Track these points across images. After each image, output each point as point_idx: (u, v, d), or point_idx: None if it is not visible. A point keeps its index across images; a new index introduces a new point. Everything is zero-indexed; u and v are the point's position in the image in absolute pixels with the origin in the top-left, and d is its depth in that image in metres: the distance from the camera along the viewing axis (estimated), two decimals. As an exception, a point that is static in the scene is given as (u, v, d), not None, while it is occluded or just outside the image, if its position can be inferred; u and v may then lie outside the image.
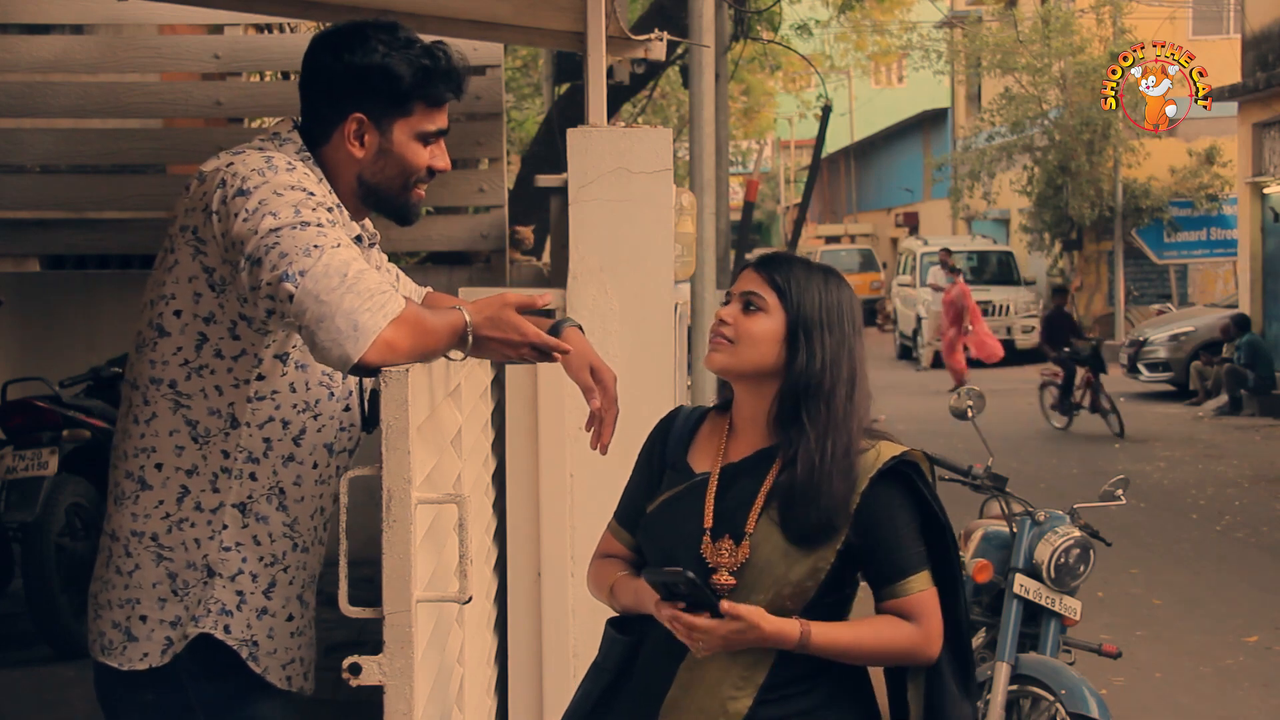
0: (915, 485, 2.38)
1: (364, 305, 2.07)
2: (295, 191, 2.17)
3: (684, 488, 2.44)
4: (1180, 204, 23.18)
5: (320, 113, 2.36)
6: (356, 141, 2.34)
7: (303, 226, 2.12)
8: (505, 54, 6.29)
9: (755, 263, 2.46)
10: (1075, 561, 4.70)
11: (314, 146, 2.37)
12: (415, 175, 2.40)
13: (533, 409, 3.71)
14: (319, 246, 2.10)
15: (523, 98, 19.32)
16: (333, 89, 2.34)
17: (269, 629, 2.28)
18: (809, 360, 2.35)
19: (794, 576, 2.31)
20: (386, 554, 1.96)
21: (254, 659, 2.27)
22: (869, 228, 41.99)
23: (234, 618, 2.25)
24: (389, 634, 1.96)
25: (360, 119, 2.33)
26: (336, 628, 4.83)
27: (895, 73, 41.67)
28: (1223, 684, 6.63)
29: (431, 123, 2.39)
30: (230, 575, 2.25)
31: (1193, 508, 10.90)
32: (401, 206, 2.42)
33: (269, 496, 2.28)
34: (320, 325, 2.07)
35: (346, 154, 2.35)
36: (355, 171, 2.36)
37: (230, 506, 2.25)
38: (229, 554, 2.25)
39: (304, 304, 2.08)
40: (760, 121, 32.57)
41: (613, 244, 3.77)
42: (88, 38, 6.45)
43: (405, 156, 2.37)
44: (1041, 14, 24.31)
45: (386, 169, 2.37)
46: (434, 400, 2.33)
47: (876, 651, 2.35)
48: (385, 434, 1.95)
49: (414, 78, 2.33)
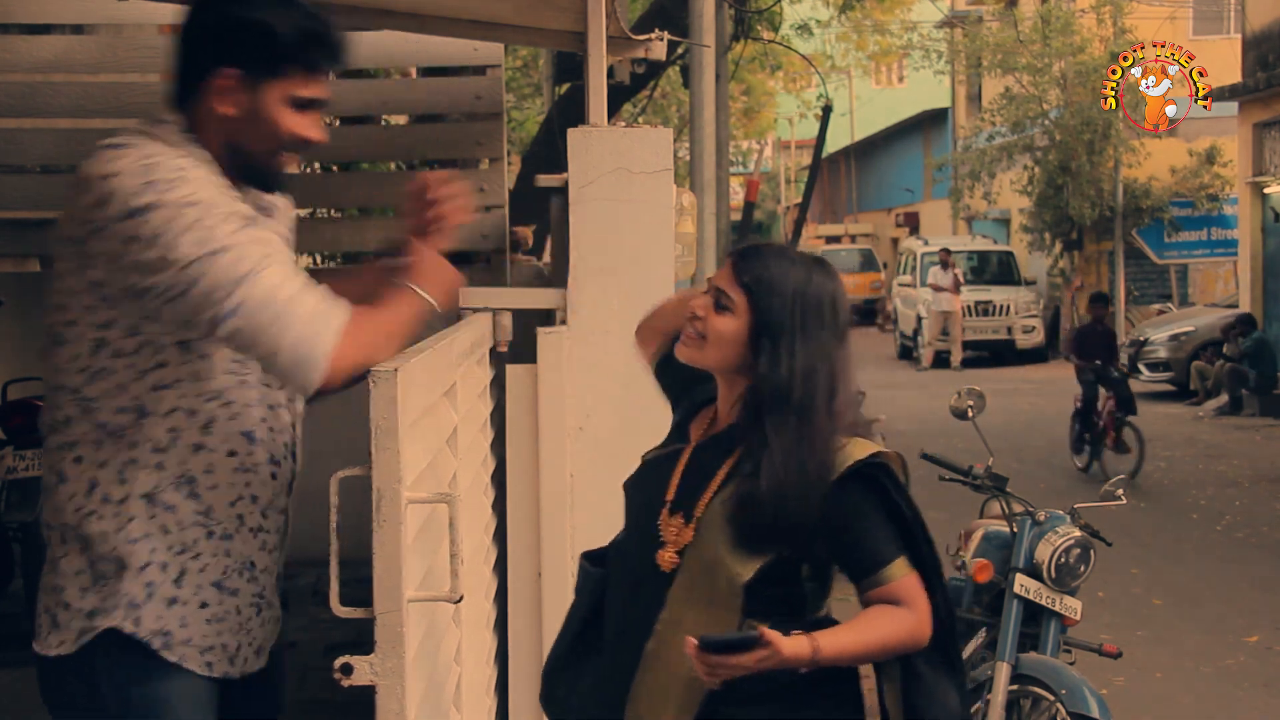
0: (883, 486, 2.34)
1: (303, 335, 2.04)
2: (192, 208, 2.09)
3: (665, 452, 2.47)
4: (1181, 204, 23.16)
5: (192, 67, 2.26)
6: (227, 100, 2.23)
7: (221, 252, 2.07)
8: (505, 54, 6.29)
9: (735, 255, 2.41)
10: (1076, 561, 4.70)
11: (184, 107, 2.27)
12: (284, 142, 2.29)
13: (532, 408, 3.71)
14: (242, 276, 2.05)
15: (523, 98, 19.32)
16: (208, 41, 2.24)
17: (181, 618, 2.24)
18: (773, 367, 2.30)
19: (730, 568, 2.29)
20: (377, 554, 1.96)
21: (167, 648, 2.23)
22: (869, 228, 41.97)
23: (143, 609, 2.21)
24: (380, 634, 1.96)
25: (233, 74, 2.22)
26: (334, 628, 4.84)
27: (896, 73, 41.65)
28: (1223, 684, 6.63)
29: (307, 89, 2.28)
30: (139, 566, 2.21)
31: (1193, 508, 10.90)
32: (266, 173, 2.32)
33: (177, 485, 2.23)
34: (270, 361, 2.07)
35: (215, 113, 2.24)
36: (223, 131, 2.25)
37: (137, 497, 2.21)
38: (136, 545, 2.21)
39: (244, 341, 2.08)
40: (761, 121, 32.56)
41: (613, 244, 3.76)
42: (88, 38, 6.44)
43: (276, 120, 2.26)
44: (1042, 14, 24.29)
45: (255, 131, 2.26)
46: (427, 399, 2.33)
47: (881, 646, 2.31)
48: (374, 433, 1.95)
49: (293, 38, 2.23)
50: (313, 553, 5.50)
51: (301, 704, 4.37)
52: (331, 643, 4.71)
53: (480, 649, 3.34)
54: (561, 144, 3.96)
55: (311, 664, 4.52)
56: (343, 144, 6.11)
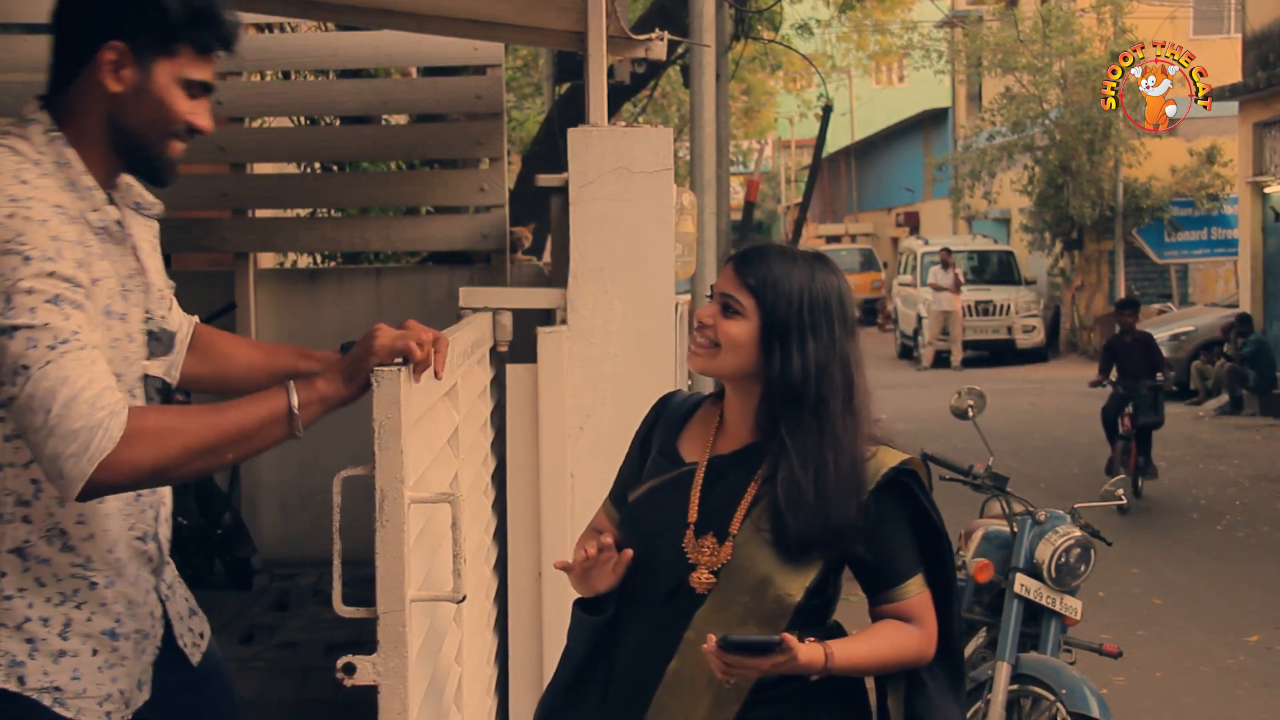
0: (914, 494, 2.36)
1: (66, 450, 1.90)
2: (8, 258, 1.93)
3: (670, 477, 2.40)
4: (1181, 203, 23.17)
5: (75, 41, 2.13)
6: (113, 74, 2.10)
7: (10, 333, 1.91)
8: (506, 54, 6.29)
9: (735, 259, 2.38)
10: (1076, 561, 4.70)
11: (63, 89, 2.14)
12: (173, 125, 2.16)
13: (533, 408, 3.71)
14: (26, 367, 1.90)
15: (523, 97, 19.32)
16: (94, 12, 2.12)
17: (73, 670, 2.11)
18: (784, 366, 2.28)
19: (779, 585, 2.28)
20: (380, 554, 1.96)
21: (60, 704, 2.10)
22: (869, 227, 41.97)
23: (28, 667, 2.08)
24: (383, 633, 1.96)
25: (120, 48, 2.09)
26: (336, 628, 4.84)
27: (896, 72, 41.64)
28: (1223, 684, 6.63)
29: (197, 71, 2.15)
30: (16, 624, 2.08)
31: (1193, 507, 10.90)
32: (155, 160, 2.18)
33: (48, 539, 2.09)
34: (37, 460, 1.95)
35: (99, 89, 2.11)
36: (106, 110, 2.12)
37: (5, 552, 2.07)
38: (11, 602, 2.07)
39: (21, 431, 1.96)
40: (761, 121, 32.57)
41: (613, 244, 3.76)
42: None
43: (165, 100, 2.13)
44: (1042, 13, 24.30)
45: (143, 111, 2.13)
46: (429, 399, 2.33)
47: (889, 660, 2.33)
48: (378, 434, 1.94)
49: (184, 14, 2.12)
50: (314, 552, 5.53)
51: (303, 704, 4.37)
52: (332, 642, 4.71)
53: (481, 649, 3.34)
54: (562, 144, 3.96)
55: (312, 664, 4.52)
56: (343, 144, 6.12)
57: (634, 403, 3.73)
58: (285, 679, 4.52)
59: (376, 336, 2.09)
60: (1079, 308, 24.62)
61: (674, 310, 3.94)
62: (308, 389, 2.07)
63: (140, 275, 2.23)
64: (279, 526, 5.71)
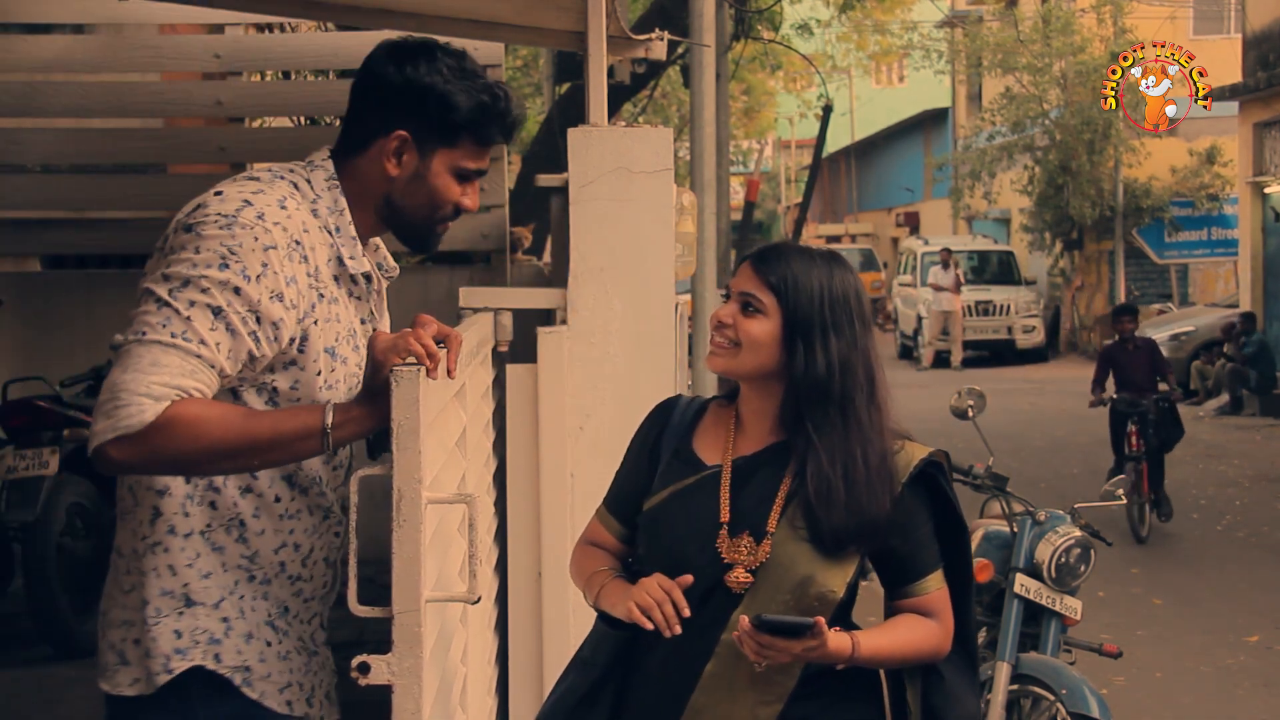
0: (941, 486, 2.39)
1: (102, 409, 2.02)
2: (213, 254, 2.09)
3: (694, 480, 2.38)
4: (1181, 204, 23.17)
5: (365, 120, 2.29)
6: (394, 159, 2.26)
7: (161, 305, 2.07)
8: (506, 54, 6.29)
9: (753, 258, 2.38)
10: (1076, 561, 4.70)
11: (349, 154, 2.30)
12: (443, 210, 2.32)
13: (533, 409, 3.71)
14: (144, 334, 2.06)
15: (523, 97, 19.29)
16: (386, 100, 2.26)
17: (259, 653, 2.22)
18: (809, 363, 2.29)
19: (820, 581, 2.29)
20: (396, 554, 1.95)
21: (248, 684, 2.20)
22: (869, 227, 41.98)
23: (223, 645, 2.19)
24: (398, 634, 1.95)
25: (404, 137, 2.25)
26: (338, 627, 4.84)
27: (896, 72, 41.65)
28: (1223, 684, 6.63)
29: (474, 161, 2.31)
30: (214, 603, 2.19)
31: (1193, 507, 10.90)
32: (423, 235, 2.36)
33: (228, 527, 2.20)
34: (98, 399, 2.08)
35: (381, 169, 2.27)
36: (384, 190, 2.29)
37: (199, 533, 2.19)
38: (208, 581, 2.19)
39: None
40: (761, 121, 32.57)
41: (613, 244, 3.76)
42: (88, 37, 6.45)
43: (438, 188, 2.29)
44: (1042, 14, 24.31)
45: (416, 195, 2.29)
46: (442, 400, 2.32)
47: (910, 653, 2.35)
48: (396, 433, 1.94)
49: (470, 112, 2.25)
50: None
51: None
52: (335, 642, 4.70)
53: (483, 650, 3.34)
54: (562, 144, 3.96)
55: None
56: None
57: (634, 403, 3.73)
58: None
59: (375, 345, 2.12)
60: (1079, 308, 24.62)
61: (674, 310, 3.94)
62: (344, 411, 2.13)
63: (368, 324, 2.36)
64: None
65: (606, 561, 2.48)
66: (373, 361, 2.10)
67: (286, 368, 2.20)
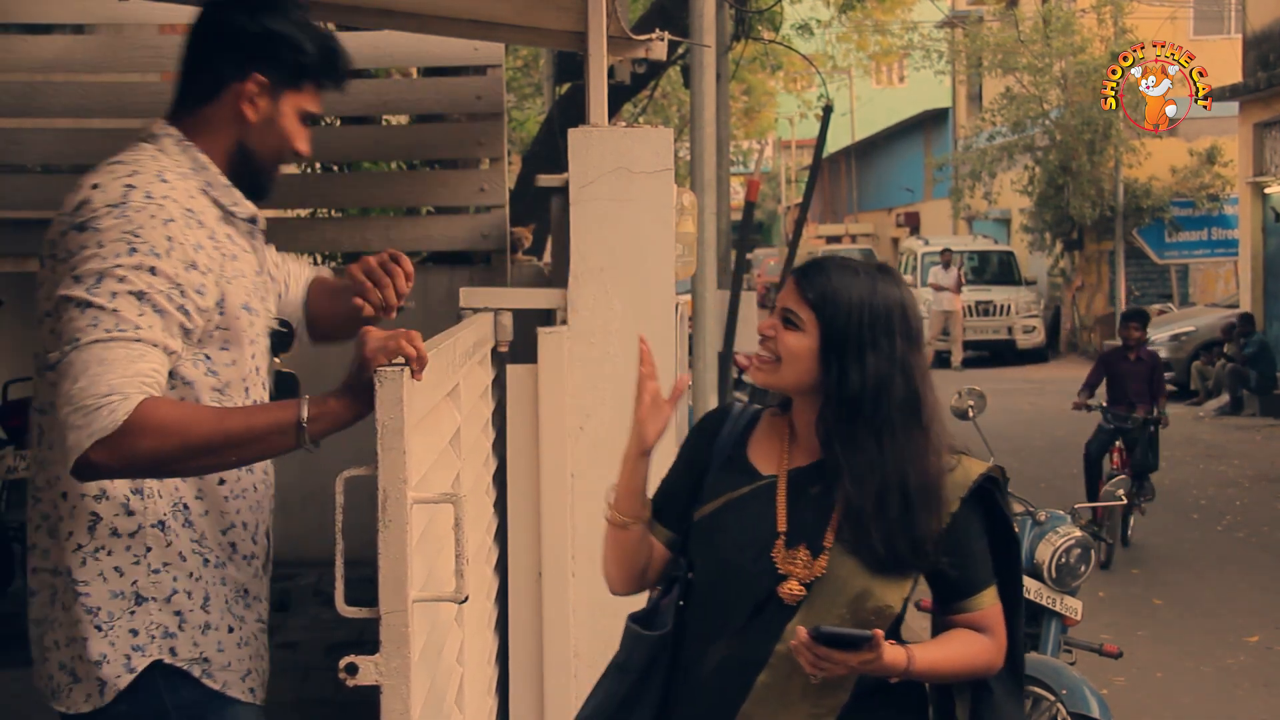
0: (997, 503, 2.38)
1: (73, 421, 2.01)
2: (118, 243, 2.09)
3: (749, 490, 2.37)
4: (1181, 204, 23.17)
5: (215, 68, 2.31)
6: (251, 103, 2.31)
7: (84, 307, 2.06)
8: (506, 54, 6.29)
9: (796, 273, 2.36)
10: (1076, 561, 4.71)
11: (197, 105, 2.32)
12: (288, 152, 2.39)
13: (533, 409, 3.71)
14: (77, 340, 2.04)
15: (524, 98, 19.32)
16: (240, 47, 2.30)
17: (217, 643, 2.23)
18: (842, 381, 2.26)
19: (880, 598, 2.28)
20: (382, 554, 1.96)
21: (209, 675, 2.21)
22: (870, 227, 41.97)
23: (178, 639, 2.19)
24: (385, 634, 1.96)
25: (262, 81, 2.30)
26: (337, 628, 4.84)
27: (896, 72, 41.65)
28: (1224, 684, 6.63)
29: (313, 104, 2.39)
30: (165, 597, 2.18)
31: (1194, 508, 10.90)
32: (266, 181, 2.40)
33: (174, 512, 2.21)
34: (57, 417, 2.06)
35: (236, 114, 2.31)
36: (237, 136, 2.32)
37: (150, 527, 2.18)
38: (159, 575, 2.18)
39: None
40: (761, 121, 32.56)
41: (613, 244, 3.76)
42: (89, 37, 6.45)
43: (288, 131, 2.36)
44: (1042, 14, 24.30)
45: (269, 139, 2.34)
46: (431, 400, 2.32)
47: (962, 668, 2.34)
48: (380, 434, 1.94)
49: (317, 56, 2.34)
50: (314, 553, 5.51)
51: (303, 704, 4.37)
52: (333, 642, 4.71)
53: (482, 649, 3.34)
54: (562, 144, 3.96)
55: (313, 664, 4.52)
56: (343, 144, 6.11)
57: (633, 403, 3.73)
58: (286, 679, 4.51)
59: (365, 342, 2.12)
60: (1079, 308, 24.62)
61: (674, 310, 3.94)
62: (320, 404, 2.13)
63: (263, 274, 2.41)
64: (279, 527, 5.67)
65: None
66: (359, 359, 2.10)
67: (214, 333, 2.22)
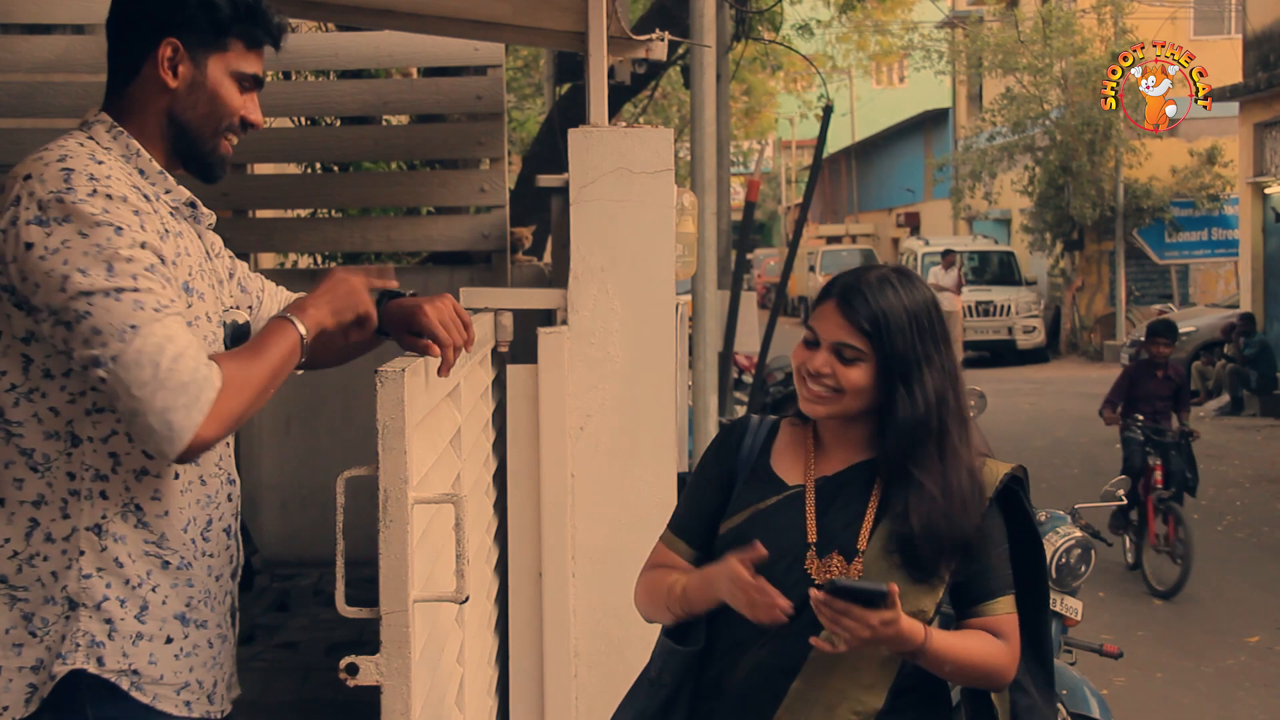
0: (1022, 503, 2.39)
1: (177, 403, 1.95)
2: (102, 229, 2.01)
3: (777, 500, 2.37)
4: (1181, 204, 23.18)
5: (130, 44, 2.24)
6: (170, 71, 2.20)
7: (117, 295, 1.98)
8: (506, 54, 6.29)
9: (839, 300, 2.33)
10: (1076, 562, 4.71)
11: (123, 87, 2.25)
12: (227, 119, 2.26)
13: (533, 409, 3.71)
14: (135, 326, 1.97)
15: (524, 98, 19.32)
16: (147, 14, 2.22)
17: (149, 654, 2.11)
18: (910, 405, 2.28)
19: (914, 603, 2.27)
20: (383, 554, 1.95)
21: (138, 688, 2.10)
22: (870, 228, 41.97)
23: (106, 648, 2.08)
24: (386, 634, 1.95)
25: (175, 44, 2.20)
26: (337, 627, 4.84)
27: (896, 73, 41.66)
28: (1224, 684, 6.63)
29: (248, 65, 2.27)
30: (95, 604, 2.08)
31: (1194, 508, 10.87)
32: (208, 154, 2.27)
33: (123, 514, 2.10)
34: (133, 420, 1.98)
35: (158, 84, 2.21)
36: (165, 106, 2.22)
37: (84, 530, 2.08)
38: (90, 581, 2.08)
39: (115, 392, 1.98)
40: (762, 121, 32.56)
41: (614, 244, 3.76)
42: (89, 38, 6.44)
43: (219, 94, 2.23)
44: (1043, 14, 24.30)
45: (198, 105, 2.23)
46: (431, 400, 2.32)
47: (977, 663, 2.32)
48: (381, 434, 1.94)
49: (232, 10, 2.23)
50: (314, 553, 5.52)
51: (303, 704, 4.38)
52: (333, 643, 4.71)
53: (482, 650, 3.34)
54: (562, 144, 3.96)
55: (313, 664, 4.52)
56: (343, 144, 6.12)
57: (634, 403, 3.73)
58: (286, 679, 4.52)
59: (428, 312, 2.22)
60: (1079, 308, 24.62)
61: (675, 311, 3.94)
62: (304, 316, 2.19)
63: (214, 261, 2.35)
64: (280, 527, 5.71)
65: (680, 574, 2.43)
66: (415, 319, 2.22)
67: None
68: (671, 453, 3.79)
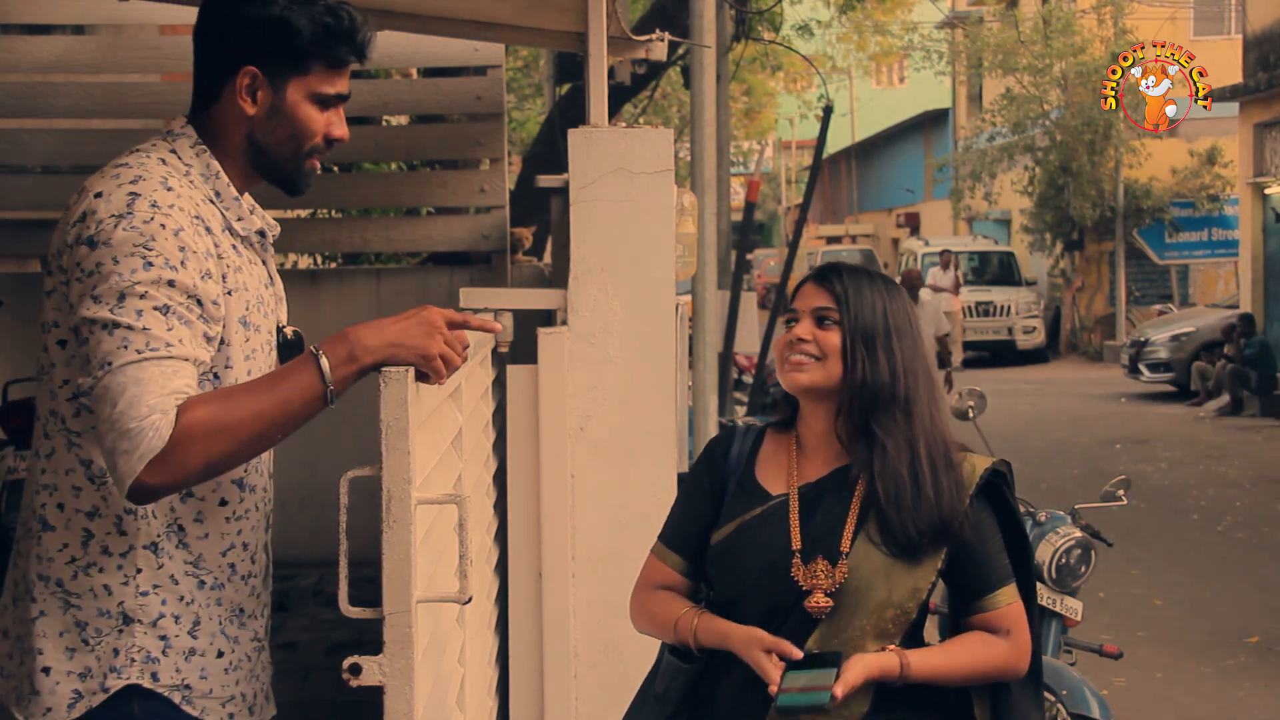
0: (1005, 496, 2.41)
1: (120, 447, 1.94)
2: (132, 259, 2.02)
3: (761, 511, 2.39)
4: (1181, 204, 23.18)
5: (212, 67, 2.23)
6: (248, 97, 2.20)
7: (112, 328, 1.98)
8: (506, 54, 6.29)
9: (814, 277, 2.42)
10: (1076, 562, 4.70)
11: (206, 108, 2.24)
12: (309, 141, 2.27)
13: (534, 410, 3.71)
14: (110, 363, 1.97)
15: (524, 98, 19.32)
16: (226, 41, 2.21)
17: (200, 669, 2.17)
18: (872, 370, 2.32)
19: (896, 598, 2.30)
20: (386, 554, 1.95)
21: (188, 702, 2.15)
22: (870, 228, 41.98)
23: (160, 664, 2.12)
24: (389, 634, 1.95)
25: (253, 73, 2.19)
26: (337, 628, 4.84)
27: (896, 73, 41.65)
28: (1224, 684, 6.63)
29: (330, 85, 2.25)
30: (152, 620, 2.12)
31: (1194, 508, 10.89)
32: (291, 174, 2.29)
33: (168, 534, 2.14)
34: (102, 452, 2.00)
35: (237, 110, 2.21)
36: (245, 130, 2.23)
37: (142, 549, 2.12)
38: (147, 599, 2.12)
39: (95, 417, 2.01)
40: (762, 122, 32.57)
41: (614, 244, 3.76)
42: (89, 38, 6.45)
43: (298, 117, 2.23)
44: (1042, 14, 24.31)
45: (278, 129, 2.23)
46: (433, 400, 2.32)
47: (972, 672, 2.34)
48: (385, 434, 1.94)
49: (313, 34, 2.20)
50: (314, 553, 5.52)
51: (304, 704, 4.37)
52: (333, 643, 4.71)
53: (482, 650, 3.34)
54: (562, 144, 3.96)
55: (313, 664, 4.52)
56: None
57: (634, 404, 3.73)
58: (286, 679, 4.50)
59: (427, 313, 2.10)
60: (1079, 309, 24.62)
61: (675, 311, 3.94)
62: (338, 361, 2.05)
63: (273, 287, 2.33)
64: (280, 527, 5.68)
65: (683, 601, 2.46)
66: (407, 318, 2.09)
67: (217, 346, 2.13)
68: (671, 453, 3.80)
